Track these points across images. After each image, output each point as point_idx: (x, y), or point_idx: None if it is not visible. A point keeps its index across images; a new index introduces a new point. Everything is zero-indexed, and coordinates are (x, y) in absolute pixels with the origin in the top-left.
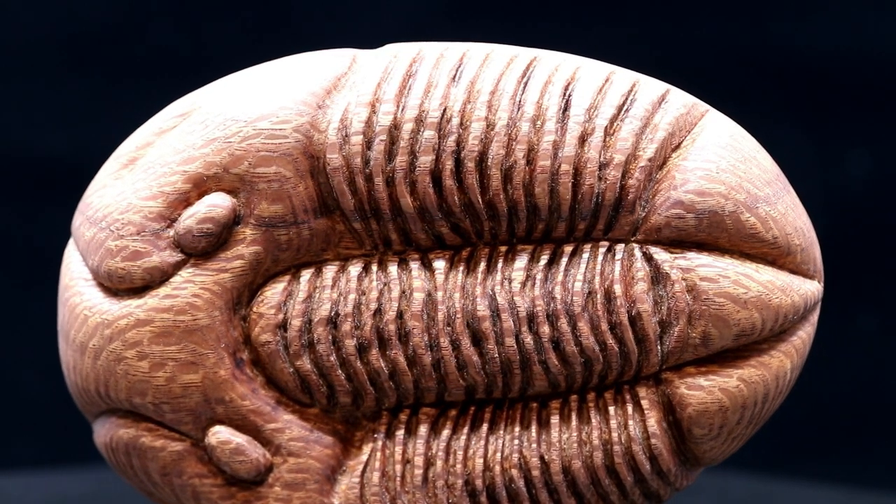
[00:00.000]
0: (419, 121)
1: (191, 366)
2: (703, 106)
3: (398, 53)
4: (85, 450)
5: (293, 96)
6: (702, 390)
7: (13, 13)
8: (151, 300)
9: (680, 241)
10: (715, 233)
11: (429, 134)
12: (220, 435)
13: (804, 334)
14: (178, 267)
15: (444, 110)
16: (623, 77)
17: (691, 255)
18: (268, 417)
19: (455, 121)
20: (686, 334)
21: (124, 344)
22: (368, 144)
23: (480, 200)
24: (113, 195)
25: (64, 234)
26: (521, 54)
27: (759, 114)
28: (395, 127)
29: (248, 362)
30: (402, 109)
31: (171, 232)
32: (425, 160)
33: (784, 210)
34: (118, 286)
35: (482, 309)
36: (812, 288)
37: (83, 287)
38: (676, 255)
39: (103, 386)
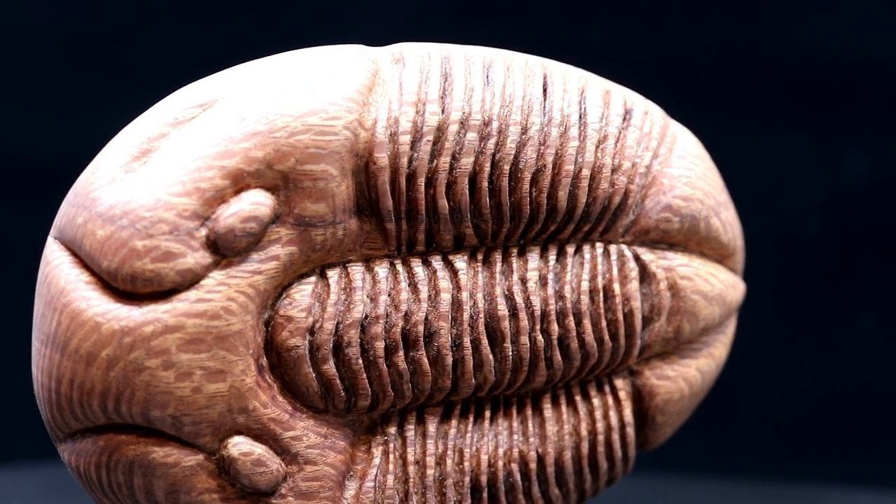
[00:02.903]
0: (463, 123)
1: (219, 374)
2: (668, 117)
3: (423, 53)
4: None
5: (340, 92)
6: (668, 380)
7: (13, 13)
8: (181, 305)
9: (660, 242)
10: (689, 235)
11: (471, 136)
12: (242, 446)
13: (732, 327)
14: (209, 269)
15: (484, 113)
16: (615, 87)
17: (669, 254)
18: (286, 425)
19: (495, 124)
20: (663, 329)
21: (148, 353)
22: (413, 145)
23: (508, 202)
24: (132, 190)
25: None
26: (531, 60)
27: (759, 114)
28: (439, 128)
29: (267, 368)
30: (446, 111)
31: (204, 231)
32: (466, 162)
33: (733, 215)
34: (142, 290)
35: (502, 308)
36: (743, 286)
37: (86, 291)
38: (658, 255)
39: (113, 399)
